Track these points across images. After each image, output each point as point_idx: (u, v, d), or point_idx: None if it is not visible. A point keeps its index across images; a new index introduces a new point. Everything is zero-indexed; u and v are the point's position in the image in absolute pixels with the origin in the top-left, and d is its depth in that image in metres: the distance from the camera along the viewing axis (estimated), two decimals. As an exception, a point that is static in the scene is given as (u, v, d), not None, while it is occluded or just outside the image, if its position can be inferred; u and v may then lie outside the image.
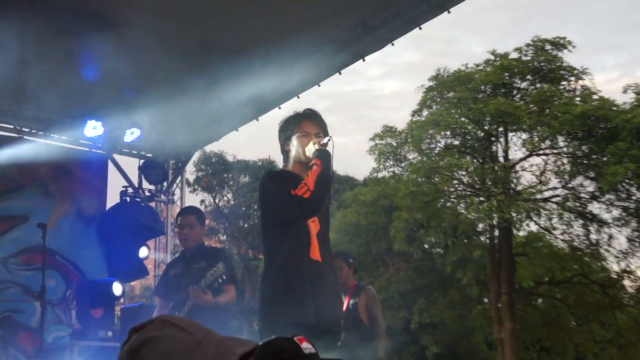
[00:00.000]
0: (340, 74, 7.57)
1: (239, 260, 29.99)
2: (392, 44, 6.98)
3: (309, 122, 3.82)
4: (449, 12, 6.39)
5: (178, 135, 10.04)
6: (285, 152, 3.87)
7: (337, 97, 71.13)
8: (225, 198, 31.33)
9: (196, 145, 10.35)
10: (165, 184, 10.36)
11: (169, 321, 1.49)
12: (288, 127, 3.85)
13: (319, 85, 8.15)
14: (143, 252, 9.04)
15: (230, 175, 30.61)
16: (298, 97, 8.08)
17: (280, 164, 4.17)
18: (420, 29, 6.64)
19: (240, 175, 30.77)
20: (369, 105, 73.84)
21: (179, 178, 10.54)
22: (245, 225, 30.68)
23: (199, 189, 30.51)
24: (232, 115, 8.60)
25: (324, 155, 3.58)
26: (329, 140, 3.64)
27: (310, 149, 3.67)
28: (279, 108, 8.30)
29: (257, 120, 8.81)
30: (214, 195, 30.99)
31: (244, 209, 30.57)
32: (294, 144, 3.77)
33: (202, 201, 30.51)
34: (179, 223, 5.74)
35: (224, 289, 5.12)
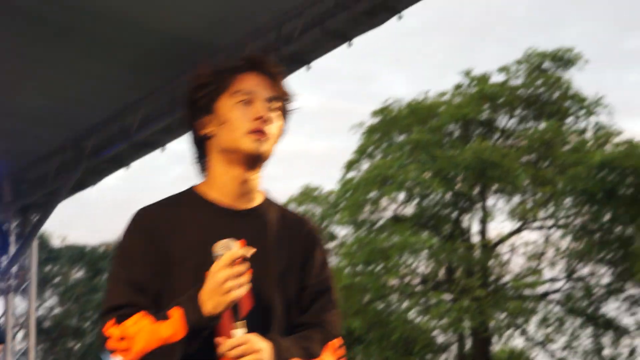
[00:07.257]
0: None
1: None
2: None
3: (254, 75, 2.86)
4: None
5: (32, 170, 9.72)
6: (198, 144, 2.90)
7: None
8: (45, 305, 30.65)
9: (59, 189, 9.83)
10: (4, 258, 10.15)
11: None
12: (209, 85, 2.86)
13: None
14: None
15: (55, 268, 29.99)
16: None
17: None
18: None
19: (71, 268, 30.25)
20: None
21: (27, 250, 10.28)
22: (77, 347, 30.10)
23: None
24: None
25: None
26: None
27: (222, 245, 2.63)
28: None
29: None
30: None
31: (75, 320, 29.88)
32: (224, 115, 2.81)
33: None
34: None
35: None
